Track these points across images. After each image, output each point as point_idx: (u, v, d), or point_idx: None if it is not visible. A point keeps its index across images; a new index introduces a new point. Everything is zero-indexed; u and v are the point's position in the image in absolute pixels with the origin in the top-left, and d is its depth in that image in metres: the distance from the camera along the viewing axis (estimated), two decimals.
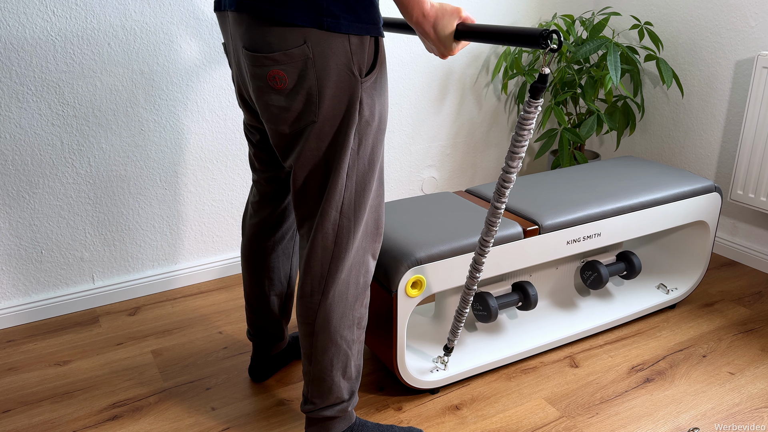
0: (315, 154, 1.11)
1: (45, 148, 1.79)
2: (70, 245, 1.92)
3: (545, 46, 0.96)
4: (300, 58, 1.03)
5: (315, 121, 1.08)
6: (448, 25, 1.05)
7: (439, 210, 1.60)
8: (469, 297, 1.35)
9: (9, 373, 1.66)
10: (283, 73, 1.05)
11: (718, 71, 2.18)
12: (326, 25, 1.01)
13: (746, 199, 2.05)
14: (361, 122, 1.09)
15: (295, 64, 1.04)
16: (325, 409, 1.26)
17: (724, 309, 1.92)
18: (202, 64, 1.93)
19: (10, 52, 1.68)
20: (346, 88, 1.06)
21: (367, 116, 1.10)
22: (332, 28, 1.01)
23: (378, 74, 1.09)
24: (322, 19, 1.01)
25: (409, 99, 2.34)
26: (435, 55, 1.43)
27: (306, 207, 1.17)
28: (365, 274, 1.22)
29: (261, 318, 1.51)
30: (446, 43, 1.07)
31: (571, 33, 2.28)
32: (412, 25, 1.07)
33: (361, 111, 1.08)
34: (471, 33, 1.04)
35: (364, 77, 1.07)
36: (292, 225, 1.44)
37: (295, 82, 1.06)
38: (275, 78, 1.06)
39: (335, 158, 1.11)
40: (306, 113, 1.08)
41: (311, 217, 1.17)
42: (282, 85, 1.07)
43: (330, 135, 1.09)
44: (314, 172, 1.13)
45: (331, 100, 1.06)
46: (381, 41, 1.09)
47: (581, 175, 1.84)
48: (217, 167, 2.06)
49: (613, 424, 1.44)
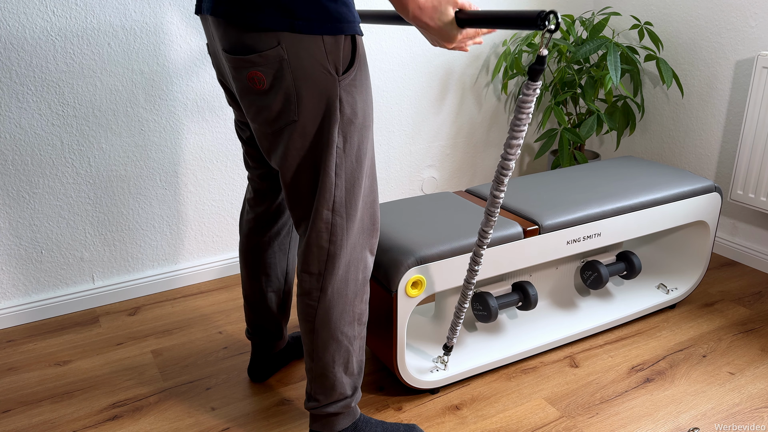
0: (299, 153, 1.12)
1: (45, 148, 1.79)
2: (70, 245, 1.92)
3: (542, 27, 0.96)
4: (275, 59, 1.05)
5: (296, 120, 1.09)
6: (445, 12, 1.05)
7: (439, 210, 1.60)
8: (469, 291, 1.35)
9: (9, 373, 1.66)
10: (261, 74, 1.07)
11: (718, 71, 2.18)
12: (298, 28, 1.02)
13: (746, 199, 2.05)
14: (344, 120, 1.10)
15: (270, 65, 1.06)
16: (329, 405, 1.27)
17: (724, 309, 1.92)
18: (203, 64, 1.93)
19: (10, 52, 1.68)
20: (324, 88, 1.07)
21: (349, 114, 1.11)
22: (304, 30, 1.02)
23: (357, 71, 1.10)
24: (294, 22, 1.02)
25: (409, 99, 2.34)
26: (441, 47, 1.42)
27: (300, 208, 1.18)
28: (364, 270, 1.22)
29: (259, 316, 1.51)
30: (448, 31, 1.07)
31: (571, 33, 2.28)
32: (410, 21, 1.08)
33: (342, 109, 1.09)
34: (469, 19, 1.04)
35: (341, 75, 1.07)
36: (287, 221, 1.45)
37: (272, 82, 1.07)
38: (254, 79, 1.08)
39: (321, 157, 1.12)
40: (285, 112, 1.09)
41: (307, 218, 1.18)
42: (261, 85, 1.08)
43: (313, 134, 1.11)
44: (302, 172, 1.14)
45: (310, 100, 1.08)
46: (359, 39, 1.09)
47: (581, 175, 1.84)
48: (217, 167, 2.06)
49: (613, 424, 1.44)
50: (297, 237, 1.50)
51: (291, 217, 1.36)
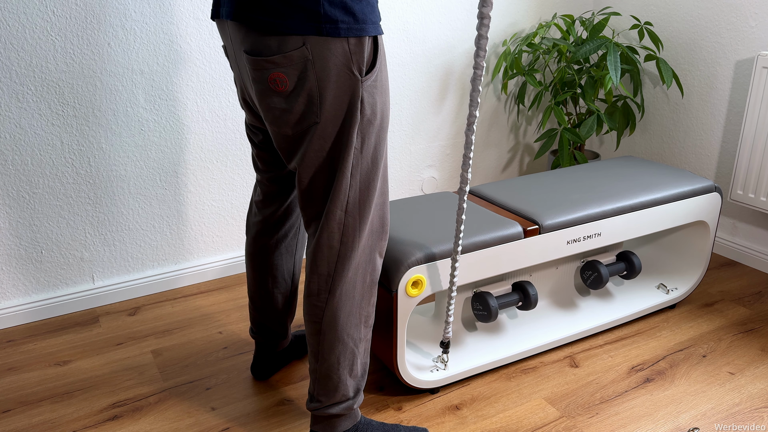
0: (319, 155, 1.12)
1: (45, 148, 1.79)
2: (70, 245, 1.92)
3: None
4: (299, 60, 1.04)
5: (317, 122, 1.09)
6: None
7: (439, 210, 1.60)
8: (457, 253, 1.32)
9: (9, 373, 1.66)
10: (284, 76, 1.06)
11: (718, 71, 2.18)
12: (325, 32, 1.02)
13: (746, 199, 2.05)
14: (363, 121, 1.10)
15: (294, 66, 1.04)
16: (331, 407, 1.27)
17: (724, 309, 1.92)
18: (202, 64, 1.93)
19: (10, 52, 1.68)
20: (347, 88, 1.07)
21: (369, 115, 1.10)
22: (331, 33, 1.02)
23: (378, 72, 1.09)
24: (320, 26, 1.01)
25: (409, 99, 2.34)
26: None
27: (313, 208, 1.17)
28: (372, 272, 1.22)
29: (264, 316, 1.51)
30: None
31: (571, 33, 2.28)
32: None
33: (362, 110, 1.09)
34: None
35: (364, 76, 1.07)
36: (294, 223, 1.45)
37: (296, 84, 1.06)
38: (276, 81, 1.07)
39: (339, 158, 1.11)
40: (308, 114, 1.09)
41: (318, 218, 1.17)
42: (283, 87, 1.07)
43: (333, 135, 1.10)
44: (319, 173, 1.14)
45: (333, 101, 1.07)
46: (380, 39, 1.09)
47: (581, 175, 1.84)
48: (217, 167, 2.06)
49: (613, 424, 1.44)
50: (303, 239, 1.50)
51: (301, 217, 1.36)
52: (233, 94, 2.01)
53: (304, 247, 1.52)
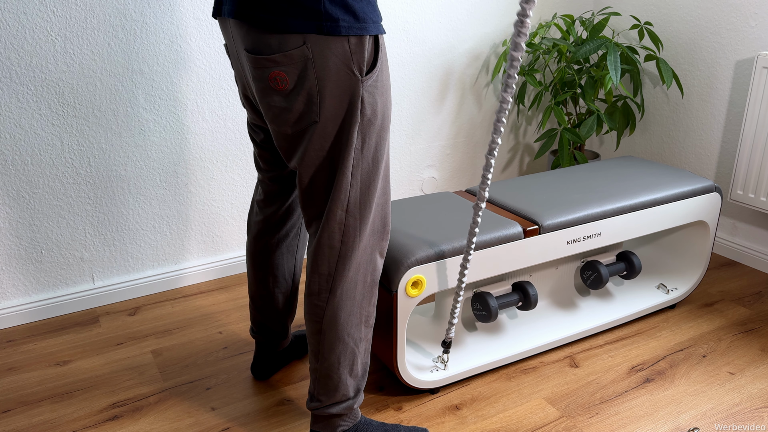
0: (319, 154, 1.12)
1: (45, 148, 1.79)
2: (70, 245, 1.92)
3: None
4: (300, 58, 1.04)
5: (317, 121, 1.09)
6: None
7: (439, 210, 1.60)
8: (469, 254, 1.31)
9: (9, 373, 1.66)
10: (284, 74, 1.06)
11: (718, 71, 2.18)
12: (326, 30, 1.02)
13: (746, 199, 2.05)
14: (364, 121, 1.10)
15: (295, 65, 1.04)
16: (331, 406, 1.27)
17: (724, 309, 1.92)
18: (202, 64, 1.93)
19: (10, 52, 1.68)
20: (347, 88, 1.07)
21: (369, 115, 1.10)
22: (332, 32, 1.02)
23: (379, 72, 1.09)
24: (321, 24, 1.01)
25: (409, 99, 2.34)
26: None
27: (314, 207, 1.17)
28: (373, 272, 1.22)
29: (265, 315, 1.51)
30: None
31: (571, 33, 2.28)
32: None
33: (363, 110, 1.09)
34: None
35: (364, 76, 1.07)
36: (296, 222, 1.45)
37: (296, 82, 1.06)
38: (276, 79, 1.07)
39: (339, 158, 1.11)
40: (308, 113, 1.08)
41: (319, 218, 1.17)
42: (283, 86, 1.07)
43: (333, 135, 1.10)
44: (319, 172, 1.14)
45: (332, 100, 1.07)
46: (381, 39, 1.09)
47: (581, 175, 1.84)
48: (217, 167, 2.06)
49: (613, 424, 1.44)
50: (304, 238, 1.50)
51: (302, 217, 1.36)
52: (233, 94, 2.01)
53: (305, 246, 1.52)
